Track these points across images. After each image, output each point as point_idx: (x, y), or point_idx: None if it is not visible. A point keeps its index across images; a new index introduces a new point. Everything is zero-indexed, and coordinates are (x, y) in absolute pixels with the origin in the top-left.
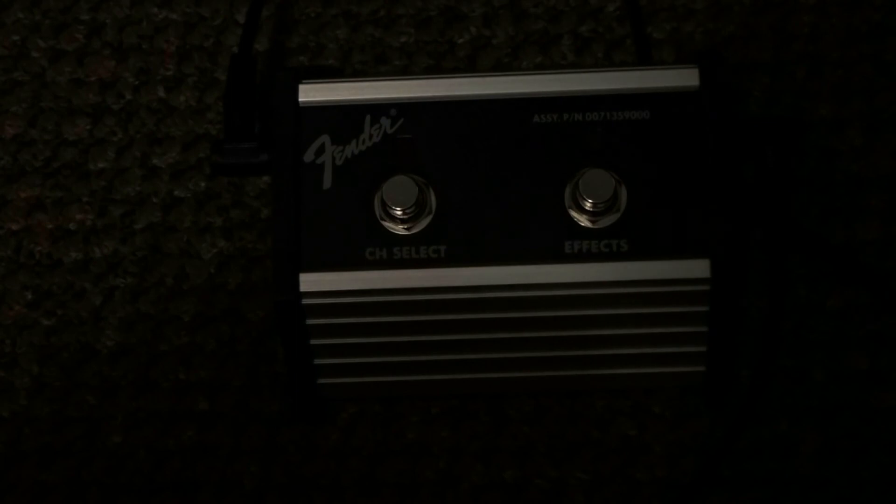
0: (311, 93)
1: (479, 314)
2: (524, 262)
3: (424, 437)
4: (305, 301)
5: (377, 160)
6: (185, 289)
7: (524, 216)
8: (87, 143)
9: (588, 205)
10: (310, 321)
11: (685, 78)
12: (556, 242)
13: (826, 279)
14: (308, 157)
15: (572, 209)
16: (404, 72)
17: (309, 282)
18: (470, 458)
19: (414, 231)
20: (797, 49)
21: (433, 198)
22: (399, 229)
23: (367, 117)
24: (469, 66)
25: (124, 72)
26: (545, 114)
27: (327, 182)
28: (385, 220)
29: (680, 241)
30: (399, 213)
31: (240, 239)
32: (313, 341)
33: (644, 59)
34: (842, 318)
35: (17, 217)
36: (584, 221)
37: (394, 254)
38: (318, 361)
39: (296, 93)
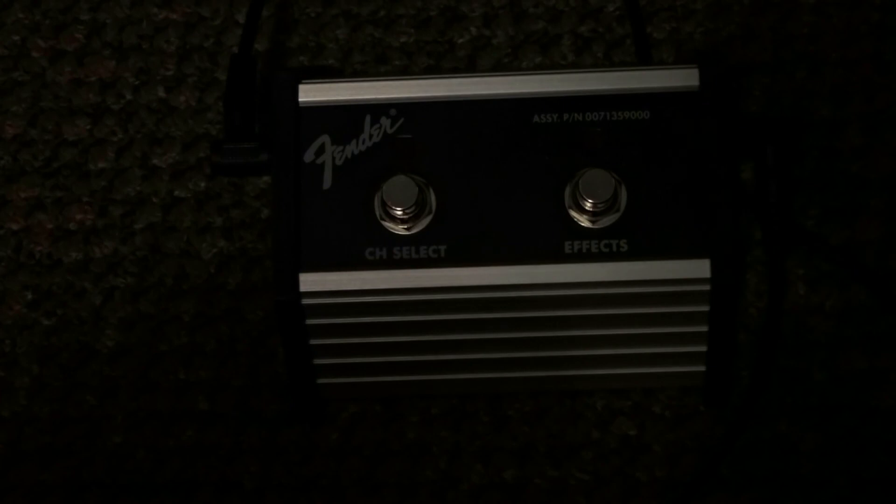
0: (310, 93)
1: (479, 314)
2: (524, 262)
3: (424, 437)
4: (305, 301)
5: (377, 160)
6: (185, 289)
7: (524, 216)
8: (87, 143)
9: (588, 205)
10: (310, 321)
11: (685, 78)
12: (556, 242)
13: (826, 279)
14: (308, 157)
15: (572, 209)
16: (404, 72)
17: (309, 282)
18: (470, 458)
19: (414, 231)
20: (797, 49)
21: (433, 198)
22: (399, 229)
23: (367, 117)
24: (469, 66)
25: (124, 72)
26: (545, 114)
27: (327, 182)
28: (385, 220)
29: (680, 241)
30: (399, 213)
31: (240, 239)
32: (313, 341)
33: (644, 59)
34: (842, 318)
35: (17, 217)
36: (584, 221)
37: (394, 254)
38: (318, 361)
39: (296, 93)
